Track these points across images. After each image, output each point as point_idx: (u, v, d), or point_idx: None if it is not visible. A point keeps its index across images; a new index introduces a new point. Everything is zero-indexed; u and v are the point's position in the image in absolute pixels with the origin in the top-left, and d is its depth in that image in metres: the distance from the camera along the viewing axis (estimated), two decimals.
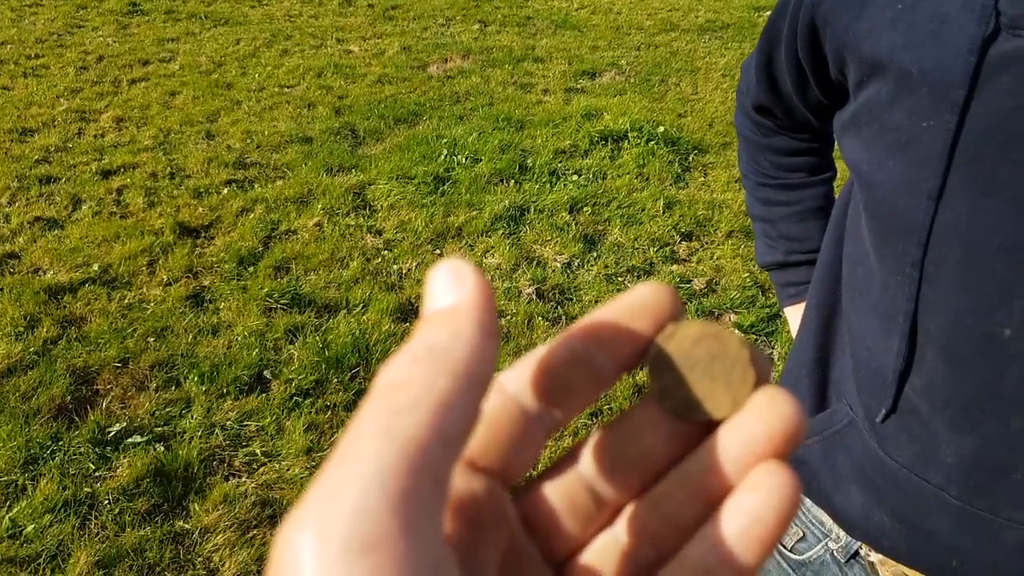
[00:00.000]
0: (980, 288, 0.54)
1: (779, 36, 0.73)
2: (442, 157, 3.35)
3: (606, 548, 0.22)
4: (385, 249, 2.73)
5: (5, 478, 1.75)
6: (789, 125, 0.84)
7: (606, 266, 2.65)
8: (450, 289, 0.19)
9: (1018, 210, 0.52)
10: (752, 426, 0.20)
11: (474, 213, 2.95)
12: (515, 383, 0.21)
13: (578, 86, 4.31)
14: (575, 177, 3.24)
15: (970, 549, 0.60)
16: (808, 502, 0.78)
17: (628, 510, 0.22)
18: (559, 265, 2.66)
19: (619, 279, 2.62)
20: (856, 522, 0.70)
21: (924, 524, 0.63)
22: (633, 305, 0.22)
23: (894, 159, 0.59)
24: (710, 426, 0.21)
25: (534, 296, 2.50)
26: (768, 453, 0.20)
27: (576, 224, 2.90)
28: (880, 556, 0.72)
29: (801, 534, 0.80)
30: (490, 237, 2.81)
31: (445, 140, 3.50)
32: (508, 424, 0.21)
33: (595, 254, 2.73)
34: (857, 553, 0.75)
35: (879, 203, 0.61)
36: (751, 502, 0.20)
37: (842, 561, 0.77)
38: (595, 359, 0.21)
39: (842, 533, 0.76)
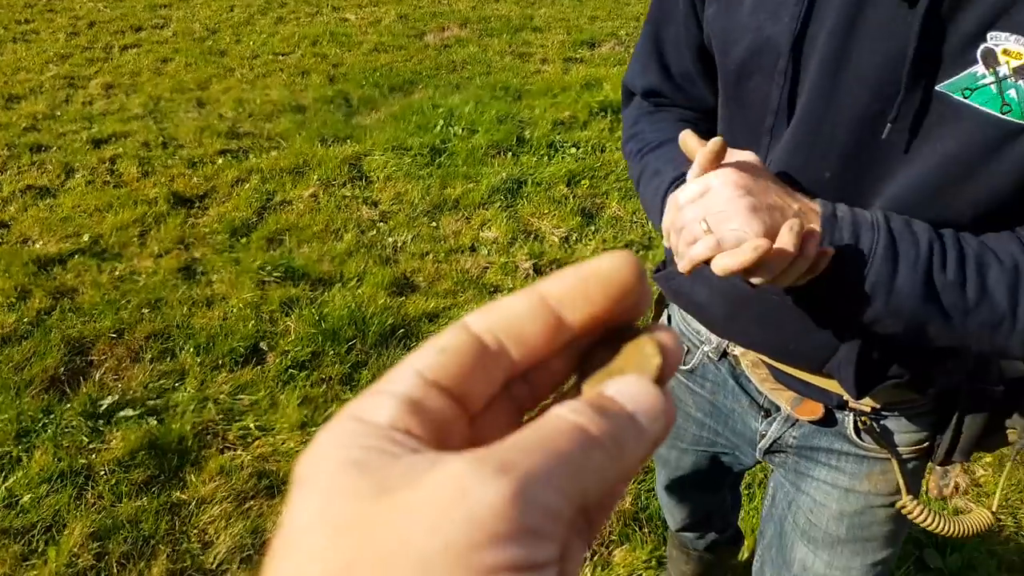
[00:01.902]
0: (816, 147, 0.68)
1: (669, 9, 0.81)
2: (438, 128, 3.31)
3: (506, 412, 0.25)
4: (380, 221, 2.70)
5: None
6: (683, 104, 0.87)
7: (604, 240, 2.63)
8: (658, 418, 0.22)
9: (858, 86, 0.64)
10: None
11: (471, 185, 2.92)
12: (477, 324, 0.23)
13: (577, 56, 4.25)
14: (573, 150, 3.21)
15: (798, 335, 0.76)
16: (689, 318, 0.93)
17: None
18: (557, 239, 2.63)
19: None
20: (717, 320, 0.84)
21: (764, 320, 0.78)
22: (595, 271, 0.24)
23: (749, 36, 0.70)
24: None
25: (531, 271, 2.48)
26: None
27: (574, 197, 2.87)
28: (741, 349, 0.87)
29: (687, 348, 0.93)
30: (487, 210, 2.78)
31: (441, 110, 3.45)
32: (468, 357, 0.23)
33: (593, 228, 2.70)
34: (726, 351, 0.90)
35: (736, 82, 0.73)
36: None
37: (715, 359, 0.92)
38: (552, 315, 0.24)
39: (713, 336, 0.90)
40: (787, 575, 0.97)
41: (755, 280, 0.63)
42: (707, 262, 0.63)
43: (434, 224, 2.70)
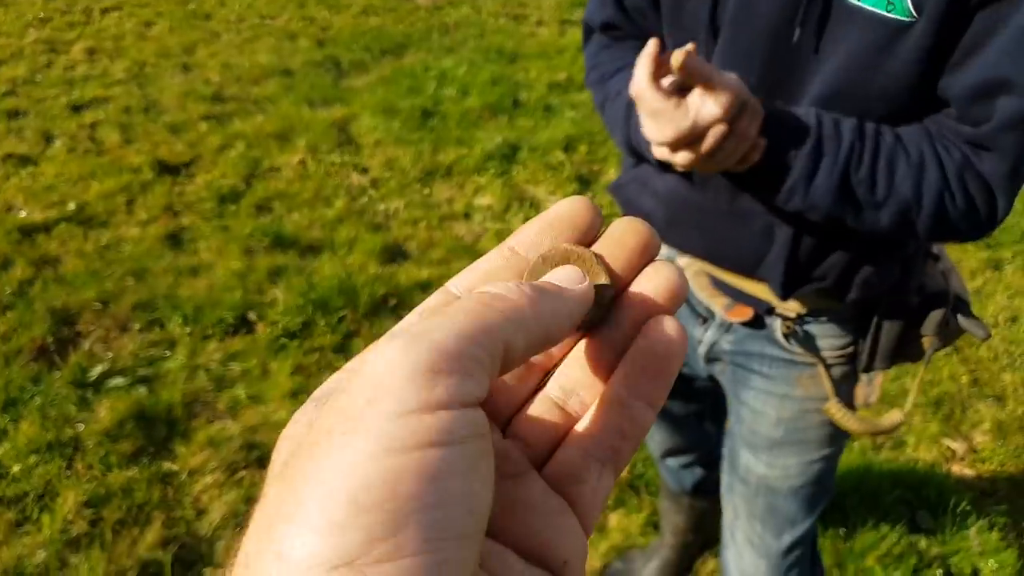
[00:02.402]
0: (740, 57, 0.76)
1: None
2: (430, 91, 3.24)
3: (542, 402, 0.26)
4: (371, 188, 2.65)
5: None
6: (638, 36, 0.92)
7: (601, 207, 2.58)
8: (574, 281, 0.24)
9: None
10: (643, 286, 0.26)
11: (464, 150, 2.86)
12: (457, 285, 0.26)
13: (574, 18, 4.15)
14: (571, 112, 3.14)
15: (733, 240, 0.85)
16: None
17: (558, 369, 0.27)
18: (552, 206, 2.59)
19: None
20: (660, 228, 0.89)
21: (702, 226, 0.87)
22: (555, 217, 0.26)
23: None
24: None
25: None
26: (658, 307, 0.25)
27: (571, 163, 2.82)
28: (685, 260, 0.94)
29: None
30: (481, 176, 2.73)
31: (433, 73, 3.37)
32: None
33: (590, 194, 2.66)
34: (672, 261, 0.95)
35: (673, 6, 0.82)
36: (645, 346, 0.25)
37: None
38: (524, 264, 0.26)
39: (663, 250, 0.95)
40: (735, 479, 1.04)
41: (689, 159, 0.72)
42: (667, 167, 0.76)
43: (426, 191, 2.65)
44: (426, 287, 2.19)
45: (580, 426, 0.25)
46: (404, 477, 0.18)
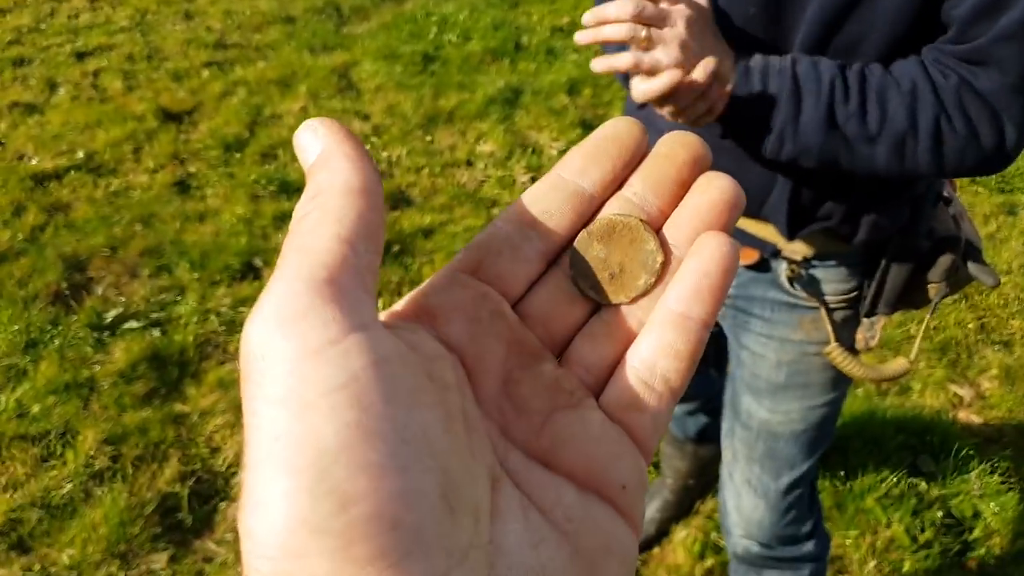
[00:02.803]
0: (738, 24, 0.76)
1: None
2: (431, 35, 3.20)
3: (594, 328, 0.25)
4: (373, 135, 2.66)
5: (7, 361, 1.79)
6: None
7: None
8: (312, 142, 0.22)
9: None
10: (696, 201, 0.25)
11: (466, 96, 2.85)
12: (504, 215, 0.25)
13: None
14: (574, 56, 3.11)
15: (736, 178, 0.83)
16: None
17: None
18: (556, 152, 2.59)
19: None
20: None
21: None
22: (600, 139, 0.26)
23: None
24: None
25: (530, 184, 2.45)
26: (712, 221, 0.25)
27: (575, 107, 2.81)
28: None
29: None
30: (483, 122, 2.73)
31: (434, 18, 3.33)
32: (497, 244, 0.25)
33: None
34: None
35: None
36: (697, 263, 0.24)
37: None
38: (570, 187, 0.25)
39: None
40: (737, 423, 1.04)
41: (665, 110, 0.73)
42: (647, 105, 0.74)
43: (428, 138, 2.66)
44: (429, 233, 2.23)
45: (635, 350, 0.24)
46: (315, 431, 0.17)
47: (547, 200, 0.25)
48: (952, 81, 0.70)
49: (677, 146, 0.25)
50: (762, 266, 0.91)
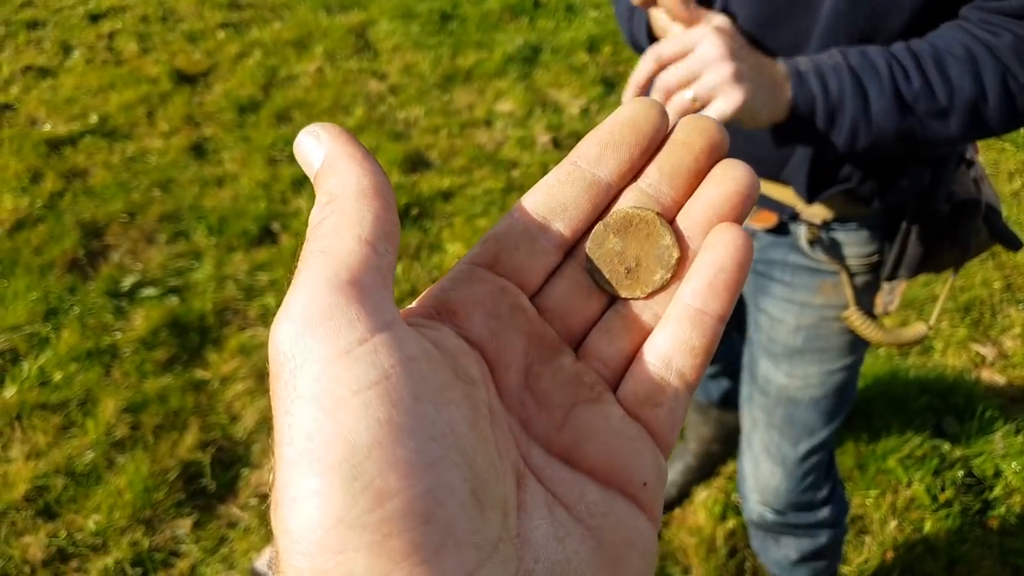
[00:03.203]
0: (759, 8, 0.75)
1: None
2: None
3: (610, 322, 0.25)
4: (390, 95, 2.60)
5: (29, 329, 1.79)
6: None
7: None
8: (315, 149, 0.22)
9: None
10: (710, 192, 0.25)
11: (484, 54, 2.77)
12: (520, 207, 0.25)
13: None
14: (594, 12, 3.00)
15: (758, 141, 0.81)
16: None
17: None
18: (577, 110, 2.52)
19: None
20: None
21: (727, 126, 0.85)
22: (617, 126, 0.25)
23: None
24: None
25: (550, 144, 2.39)
26: (726, 213, 0.24)
27: (595, 64, 2.72)
28: None
29: None
30: (502, 80, 2.65)
31: None
32: (514, 237, 0.25)
33: (615, 97, 2.57)
34: None
35: None
36: (712, 258, 0.24)
37: None
38: (586, 177, 0.25)
39: None
40: (754, 389, 1.04)
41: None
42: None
43: (446, 97, 2.59)
44: (448, 196, 2.18)
45: (651, 345, 0.24)
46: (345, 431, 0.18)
47: (563, 191, 0.25)
48: (1006, 39, 0.69)
49: (694, 133, 0.25)
50: (781, 230, 0.91)
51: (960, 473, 1.53)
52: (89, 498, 1.47)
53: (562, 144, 2.39)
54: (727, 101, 0.66)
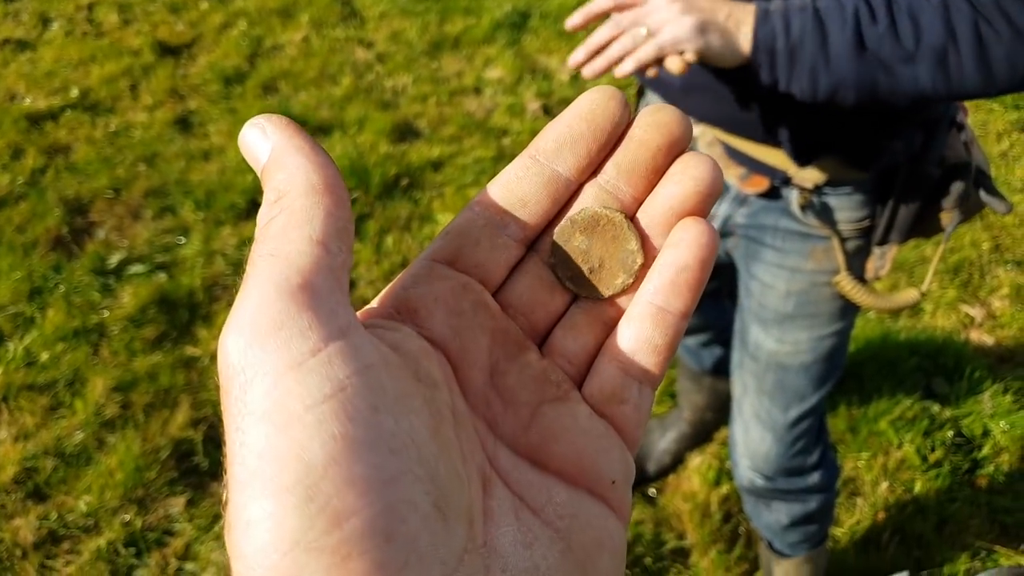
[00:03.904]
0: None
1: None
2: None
3: (575, 318, 0.25)
4: (378, 63, 2.54)
5: (13, 309, 1.76)
6: None
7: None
8: (261, 143, 0.21)
9: None
10: (670, 191, 0.24)
11: (472, 20, 2.71)
12: (479, 201, 0.25)
13: None
14: None
15: (748, 104, 0.82)
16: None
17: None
18: (567, 76, 2.47)
19: (633, 91, 2.44)
20: (675, 94, 0.89)
21: (717, 91, 0.84)
22: (575, 120, 0.24)
23: None
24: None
25: (540, 111, 2.35)
26: (686, 211, 0.24)
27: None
28: (699, 129, 0.93)
29: None
30: (490, 47, 2.60)
31: None
32: (475, 232, 0.24)
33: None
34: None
35: None
36: (675, 256, 0.24)
37: None
38: (545, 172, 0.24)
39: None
40: (745, 355, 1.04)
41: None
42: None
43: (435, 64, 2.54)
44: (438, 166, 2.15)
45: (614, 342, 0.24)
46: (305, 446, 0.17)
47: (522, 186, 0.24)
48: None
49: (652, 130, 0.24)
50: (773, 194, 0.90)
51: (950, 433, 1.54)
52: (80, 479, 1.46)
53: (552, 111, 2.35)
54: (677, 27, 0.68)
